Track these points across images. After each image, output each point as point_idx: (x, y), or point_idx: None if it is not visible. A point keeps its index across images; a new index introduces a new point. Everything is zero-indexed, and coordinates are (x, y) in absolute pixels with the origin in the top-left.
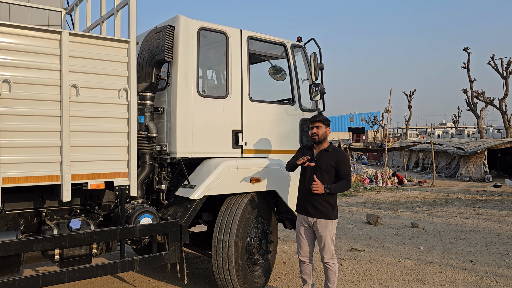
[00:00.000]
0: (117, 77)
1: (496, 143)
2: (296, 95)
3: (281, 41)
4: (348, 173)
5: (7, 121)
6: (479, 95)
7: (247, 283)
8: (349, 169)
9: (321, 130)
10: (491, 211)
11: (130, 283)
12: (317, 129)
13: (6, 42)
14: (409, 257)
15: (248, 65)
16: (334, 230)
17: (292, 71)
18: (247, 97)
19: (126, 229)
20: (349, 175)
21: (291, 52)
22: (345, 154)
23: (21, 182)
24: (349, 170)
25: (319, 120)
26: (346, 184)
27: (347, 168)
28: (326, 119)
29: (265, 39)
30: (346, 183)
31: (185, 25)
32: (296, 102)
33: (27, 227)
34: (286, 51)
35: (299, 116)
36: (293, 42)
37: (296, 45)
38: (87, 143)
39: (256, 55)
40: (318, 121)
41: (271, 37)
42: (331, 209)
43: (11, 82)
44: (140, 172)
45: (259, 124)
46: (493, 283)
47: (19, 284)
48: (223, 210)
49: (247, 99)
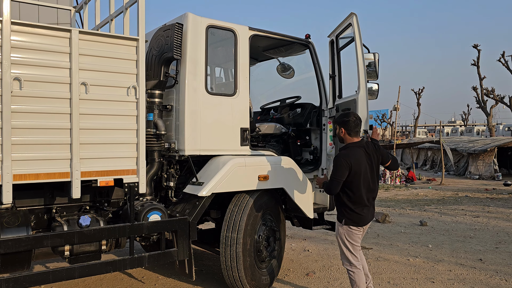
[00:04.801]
0: (126, 74)
1: (506, 141)
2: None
3: (292, 39)
4: (331, 177)
5: (18, 118)
6: (489, 93)
7: (255, 280)
8: (333, 173)
9: (336, 130)
10: (501, 210)
11: (139, 279)
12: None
13: (17, 40)
14: (417, 256)
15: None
16: (346, 236)
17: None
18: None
19: (135, 226)
20: (330, 179)
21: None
22: (338, 157)
23: (32, 179)
24: (333, 174)
25: (334, 121)
26: (325, 187)
27: (332, 172)
28: (337, 119)
29: (274, 36)
30: (325, 186)
31: (194, 22)
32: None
33: (38, 223)
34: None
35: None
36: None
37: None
38: (97, 141)
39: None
40: (334, 121)
41: (279, 34)
42: (340, 212)
43: (22, 80)
44: (149, 170)
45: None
46: (502, 282)
47: (30, 279)
48: (231, 208)
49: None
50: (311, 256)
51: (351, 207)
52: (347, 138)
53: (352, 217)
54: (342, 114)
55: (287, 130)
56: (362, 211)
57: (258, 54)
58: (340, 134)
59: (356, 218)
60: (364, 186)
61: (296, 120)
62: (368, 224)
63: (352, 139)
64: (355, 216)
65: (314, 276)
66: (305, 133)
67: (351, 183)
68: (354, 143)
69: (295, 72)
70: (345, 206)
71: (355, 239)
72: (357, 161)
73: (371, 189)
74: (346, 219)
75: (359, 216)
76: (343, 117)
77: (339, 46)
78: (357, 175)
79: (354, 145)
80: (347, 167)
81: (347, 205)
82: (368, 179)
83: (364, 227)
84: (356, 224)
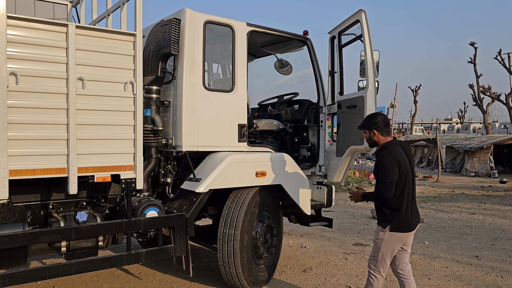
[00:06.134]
0: (123, 70)
1: (502, 138)
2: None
3: (290, 35)
4: (381, 179)
5: (14, 113)
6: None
7: (252, 276)
8: (383, 175)
9: (366, 135)
10: (497, 207)
11: (136, 275)
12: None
13: (13, 34)
14: (414, 252)
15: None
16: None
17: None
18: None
19: (132, 222)
20: (381, 182)
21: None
22: (383, 157)
23: (28, 174)
24: (383, 176)
25: (361, 126)
26: (376, 193)
27: (381, 174)
28: (365, 123)
29: (272, 32)
30: (376, 192)
31: (191, 18)
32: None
33: (34, 219)
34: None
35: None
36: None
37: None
38: (94, 136)
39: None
40: (361, 127)
41: (277, 30)
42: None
43: (18, 75)
44: (146, 165)
45: None
46: (498, 278)
47: (27, 275)
48: (229, 204)
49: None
50: (308, 252)
51: (398, 211)
52: (381, 139)
53: (398, 222)
54: (367, 117)
55: (285, 127)
56: (409, 215)
57: (256, 50)
58: (373, 138)
59: (404, 224)
60: (409, 187)
61: (293, 116)
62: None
63: (386, 139)
64: (402, 221)
65: (311, 272)
66: (303, 129)
67: (397, 184)
68: (391, 141)
69: (293, 68)
70: (391, 210)
71: (396, 247)
72: (403, 159)
73: (414, 190)
74: (392, 225)
75: (406, 221)
76: (370, 120)
77: (342, 43)
78: (404, 174)
79: (391, 143)
80: (397, 165)
81: (394, 208)
82: (410, 179)
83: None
84: (403, 230)
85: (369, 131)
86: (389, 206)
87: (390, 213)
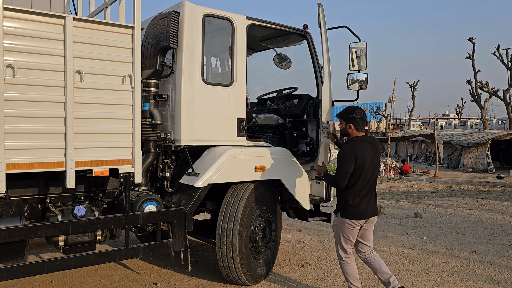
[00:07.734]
0: (122, 63)
1: (499, 134)
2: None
3: (290, 29)
4: (337, 169)
5: (11, 106)
6: (483, 86)
7: (250, 271)
8: (339, 166)
9: (341, 125)
10: (494, 202)
11: (134, 270)
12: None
13: (10, 26)
14: (412, 247)
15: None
16: (339, 228)
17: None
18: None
19: (130, 216)
20: (337, 172)
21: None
22: (344, 149)
23: (26, 168)
24: (339, 167)
25: (340, 115)
26: (331, 179)
27: (338, 165)
28: (344, 114)
29: (271, 26)
30: (332, 178)
31: (190, 11)
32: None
33: (32, 213)
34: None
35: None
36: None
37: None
38: (92, 130)
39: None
40: (339, 116)
41: (277, 24)
42: (337, 204)
43: (15, 67)
44: (145, 160)
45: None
46: (496, 273)
47: (24, 270)
48: (227, 199)
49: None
50: (307, 247)
51: (348, 200)
52: (354, 133)
53: (348, 210)
54: (348, 109)
55: (284, 121)
56: (360, 204)
57: (255, 44)
58: (347, 130)
59: (352, 210)
60: (364, 180)
61: (292, 111)
62: (368, 220)
63: (358, 133)
64: (352, 209)
65: (309, 267)
66: (302, 124)
67: (352, 175)
68: (359, 137)
69: (292, 62)
70: (342, 199)
71: (348, 233)
72: (362, 155)
73: (371, 184)
74: (342, 211)
75: (356, 209)
76: (350, 113)
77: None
78: (360, 168)
79: (359, 138)
80: (354, 159)
81: (344, 197)
82: (369, 173)
83: (362, 222)
84: (351, 216)
85: (346, 123)
86: (341, 194)
87: (341, 200)
